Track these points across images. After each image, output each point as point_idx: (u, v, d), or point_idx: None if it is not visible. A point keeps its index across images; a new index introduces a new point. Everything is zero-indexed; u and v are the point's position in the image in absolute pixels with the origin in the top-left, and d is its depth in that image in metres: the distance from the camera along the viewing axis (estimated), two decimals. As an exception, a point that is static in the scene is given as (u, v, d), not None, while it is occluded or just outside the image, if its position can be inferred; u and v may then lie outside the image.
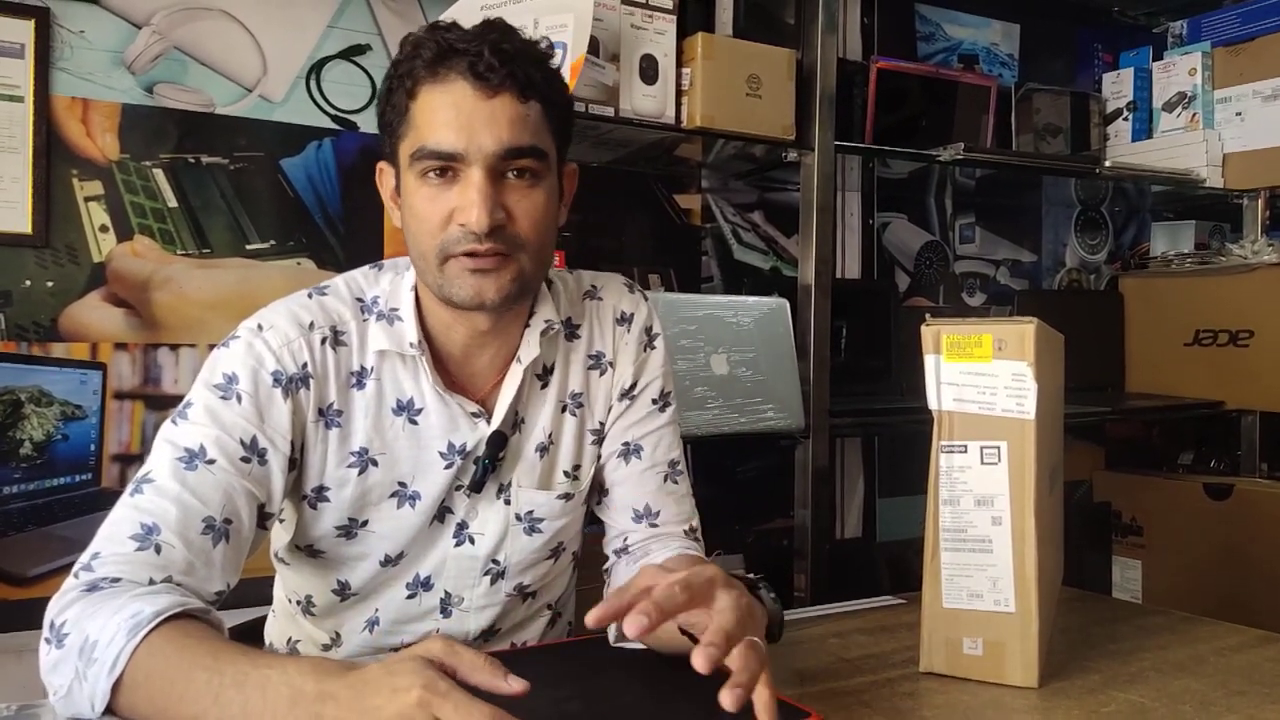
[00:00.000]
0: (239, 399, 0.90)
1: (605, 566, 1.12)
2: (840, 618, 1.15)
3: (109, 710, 0.74)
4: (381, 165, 1.00)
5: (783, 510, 2.14)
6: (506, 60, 0.89)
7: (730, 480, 2.20)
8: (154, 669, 0.73)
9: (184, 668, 0.72)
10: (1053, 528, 1.06)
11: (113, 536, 0.83)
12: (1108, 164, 2.28)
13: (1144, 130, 2.44)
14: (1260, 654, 1.02)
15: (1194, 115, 2.36)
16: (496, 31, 0.91)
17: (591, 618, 0.76)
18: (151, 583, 0.81)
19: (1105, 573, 2.48)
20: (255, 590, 1.18)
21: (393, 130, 0.94)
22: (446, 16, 1.50)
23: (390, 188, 0.98)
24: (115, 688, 0.73)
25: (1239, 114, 2.33)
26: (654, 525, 1.07)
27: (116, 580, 0.80)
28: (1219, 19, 2.43)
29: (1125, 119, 2.45)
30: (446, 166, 0.90)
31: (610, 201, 2.06)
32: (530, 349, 1.01)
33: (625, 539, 1.09)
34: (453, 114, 0.89)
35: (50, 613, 0.79)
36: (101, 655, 0.73)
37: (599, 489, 1.11)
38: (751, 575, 0.97)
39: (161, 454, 0.88)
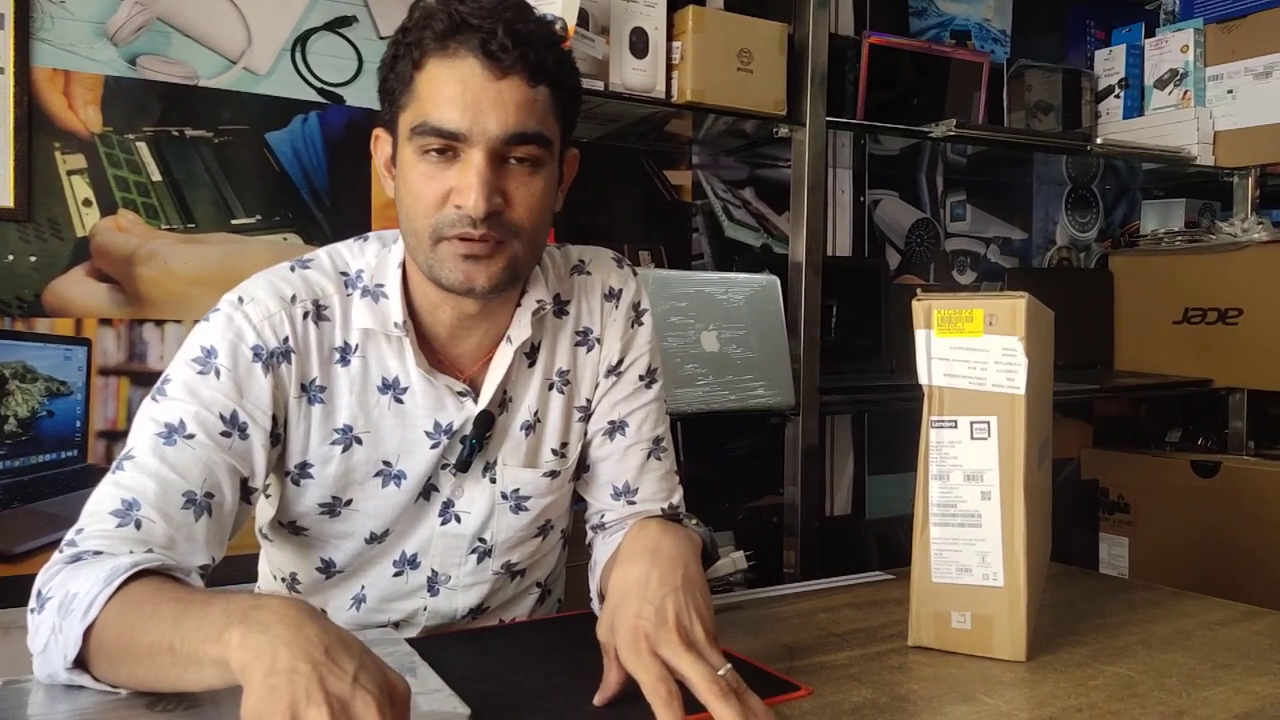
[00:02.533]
0: (217, 373, 0.89)
1: (587, 542, 1.12)
2: (829, 593, 1.16)
3: (79, 662, 0.74)
4: (378, 132, 0.97)
5: (773, 487, 2.15)
6: (520, 41, 0.86)
7: (720, 458, 2.20)
8: (126, 607, 0.73)
9: (155, 602, 0.73)
10: (1041, 503, 1.06)
11: (95, 513, 0.83)
12: (1099, 141, 2.27)
13: (1135, 107, 2.43)
14: (1246, 628, 1.03)
15: (1185, 93, 2.36)
16: (512, 9, 0.88)
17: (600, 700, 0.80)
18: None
19: (1093, 550, 2.50)
20: (240, 567, 1.17)
21: (394, 99, 0.91)
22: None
23: (385, 156, 0.96)
24: (88, 634, 0.73)
25: (1230, 91, 2.32)
26: (631, 502, 1.07)
27: (98, 553, 0.80)
28: (1212, -5, 2.42)
29: (1117, 96, 2.45)
30: (447, 145, 0.87)
31: (600, 178, 2.04)
32: (521, 330, 1.00)
33: (603, 515, 1.09)
34: (459, 91, 0.86)
35: (37, 584, 0.80)
36: (78, 605, 0.74)
37: (582, 465, 1.10)
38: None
39: (142, 431, 0.87)
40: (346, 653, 0.65)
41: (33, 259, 1.57)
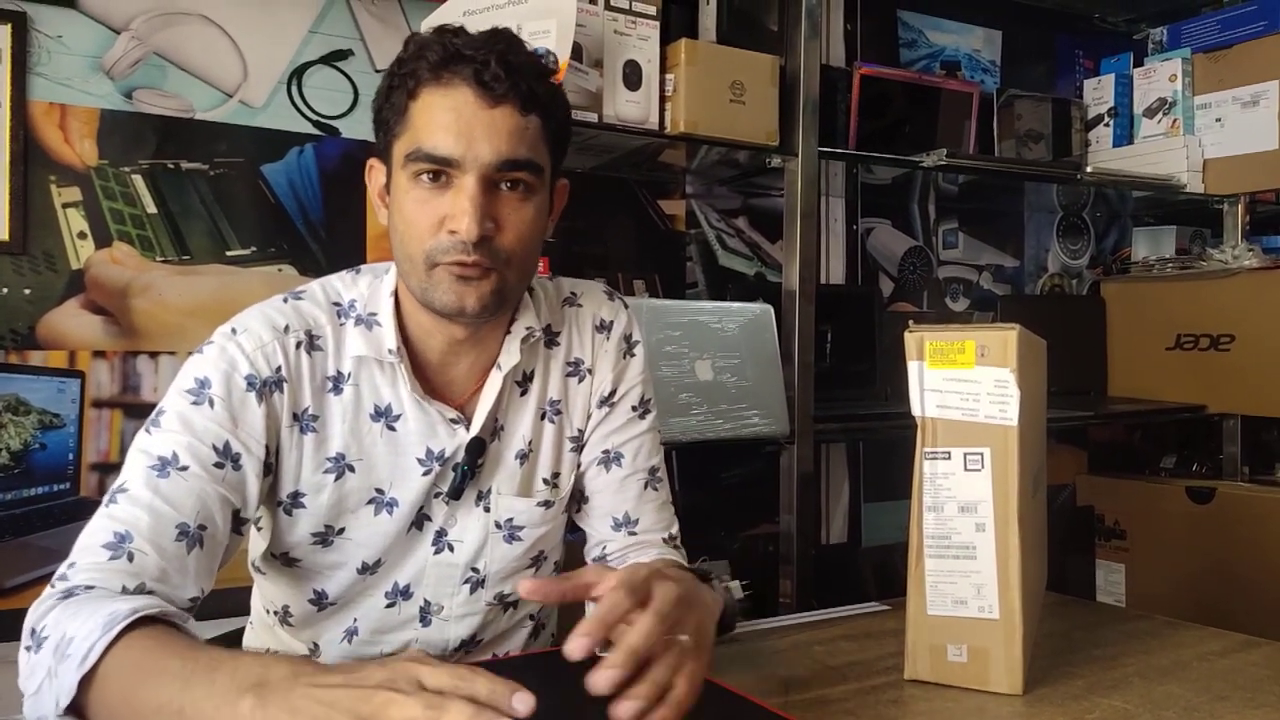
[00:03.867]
0: (211, 403, 0.90)
1: None
2: (825, 624, 1.15)
3: (72, 708, 0.72)
4: (372, 162, 0.99)
5: (768, 516, 2.14)
6: (512, 71, 0.88)
7: (715, 486, 2.20)
8: (128, 660, 0.72)
9: (159, 657, 0.71)
10: (1036, 533, 1.06)
11: (88, 546, 0.83)
12: (1089, 170, 2.29)
13: (1125, 136, 2.45)
14: (1242, 659, 1.02)
15: (1174, 121, 2.38)
16: (503, 42, 0.91)
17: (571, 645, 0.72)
18: (125, 591, 0.80)
19: (1089, 576, 2.49)
20: (234, 600, 1.17)
21: (389, 128, 0.93)
22: (430, 21, 1.50)
23: (379, 185, 0.98)
24: (86, 682, 0.71)
25: (1219, 120, 2.34)
26: (633, 533, 1.07)
27: (91, 588, 0.80)
28: (1199, 26, 2.45)
29: (1106, 125, 2.47)
30: (440, 171, 0.89)
31: (594, 208, 2.05)
32: (510, 356, 1.01)
33: (604, 547, 1.09)
34: (452, 118, 0.88)
35: (29, 621, 0.79)
36: (75, 650, 0.72)
37: (579, 497, 1.10)
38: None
39: (135, 464, 0.87)
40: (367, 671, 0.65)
41: (27, 291, 1.57)
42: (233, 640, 1.17)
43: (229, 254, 1.71)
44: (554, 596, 0.84)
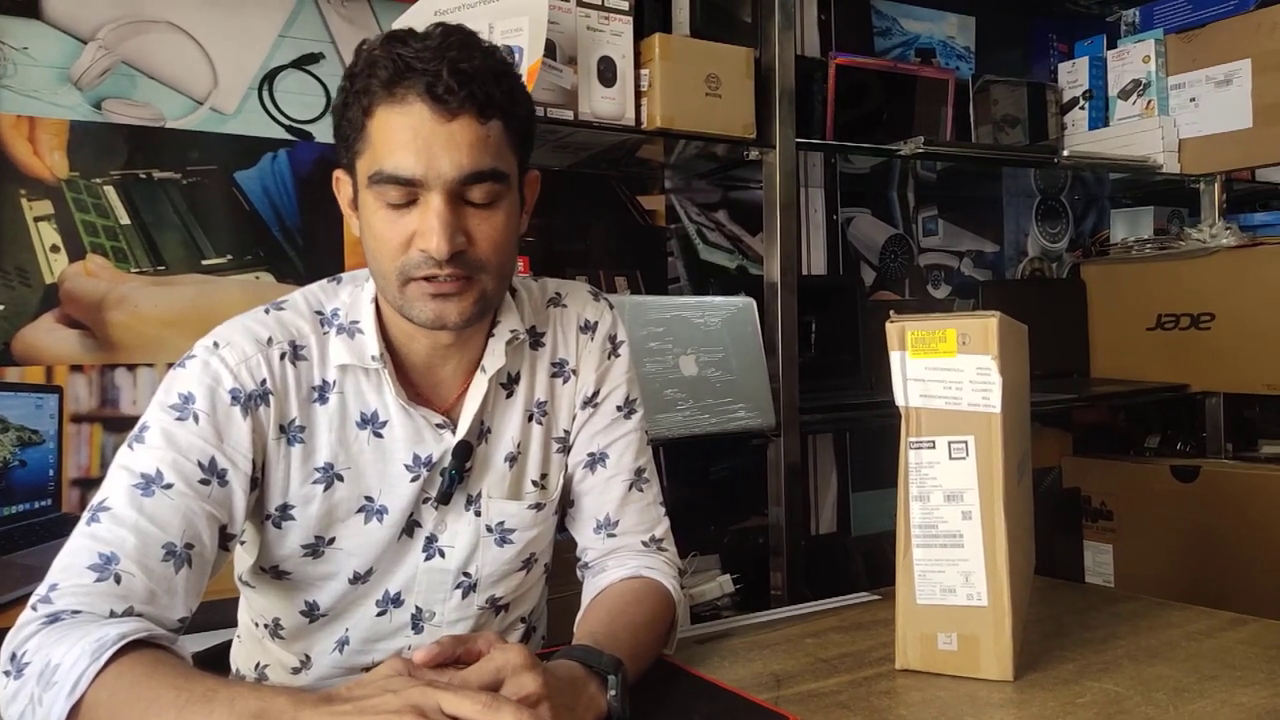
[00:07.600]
0: (196, 419, 0.89)
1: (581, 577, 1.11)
2: (815, 617, 1.15)
3: None
4: (338, 174, 0.97)
5: (757, 509, 2.14)
6: (466, 81, 0.85)
7: (703, 481, 2.20)
8: (119, 688, 0.71)
9: (151, 685, 0.71)
10: (1023, 518, 1.06)
11: (70, 567, 0.81)
12: (1066, 153, 2.30)
13: (1100, 118, 2.46)
14: (1230, 637, 1.03)
15: (1149, 102, 2.39)
16: (455, 48, 0.87)
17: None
18: (113, 614, 0.79)
19: (1078, 558, 2.50)
20: (222, 612, 1.16)
21: (349, 144, 0.91)
22: (400, 22, 1.49)
23: (348, 197, 0.96)
24: (74, 710, 0.71)
25: (1193, 100, 2.35)
26: (612, 535, 1.07)
27: (77, 612, 0.78)
28: (1170, 6, 2.46)
29: (1082, 108, 2.47)
30: (405, 191, 0.87)
31: (573, 205, 2.04)
32: (495, 358, 1.00)
33: (586, 553, 1.09)
34: (410, 137, 0.86)
35: (10, 645, 0.78)
36: (61, 678, 0.71)
37: (567, 500, 1.10)
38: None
39: (117, 480, 0.86)
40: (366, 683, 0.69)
41: (1, 307, 1.55)
42: (220, 654, 1.16)
43: (205, 263, 1.69)
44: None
